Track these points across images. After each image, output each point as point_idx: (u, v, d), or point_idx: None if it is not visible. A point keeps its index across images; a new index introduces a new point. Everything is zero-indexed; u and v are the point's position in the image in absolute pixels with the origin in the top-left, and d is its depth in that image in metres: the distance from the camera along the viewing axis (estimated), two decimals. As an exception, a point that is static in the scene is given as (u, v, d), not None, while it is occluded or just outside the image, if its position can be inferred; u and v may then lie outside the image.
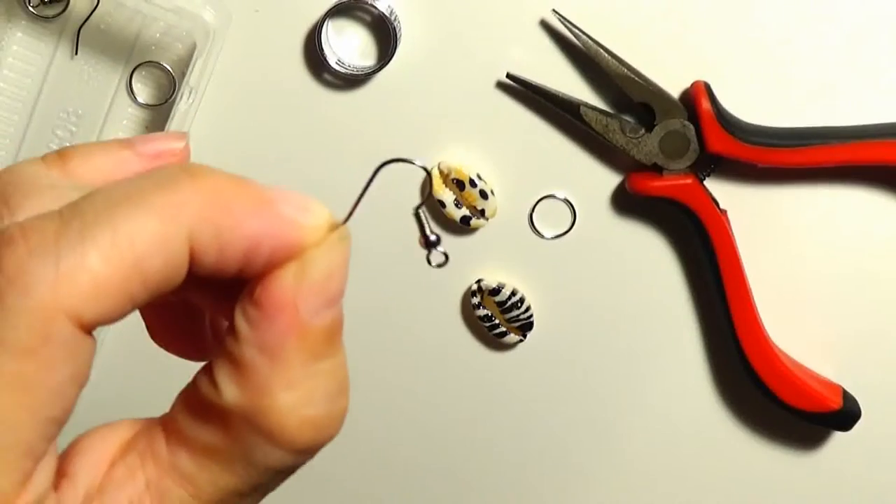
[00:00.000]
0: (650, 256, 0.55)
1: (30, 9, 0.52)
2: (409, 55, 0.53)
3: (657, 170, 0.52)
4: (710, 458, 0.58)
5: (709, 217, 0.52)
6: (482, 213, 0.54)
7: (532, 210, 0.55)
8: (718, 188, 0.53)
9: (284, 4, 0.52)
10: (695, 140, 0.51)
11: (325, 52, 0.52)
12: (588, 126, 0.51)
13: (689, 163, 0.52)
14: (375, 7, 0.51)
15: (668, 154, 0.52)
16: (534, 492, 0.60)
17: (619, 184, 0.54)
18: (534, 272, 0.55)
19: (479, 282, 0.55)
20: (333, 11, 0.52)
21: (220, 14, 0.51)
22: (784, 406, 0.54)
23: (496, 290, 0.54)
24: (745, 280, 0.53)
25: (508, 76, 0.52)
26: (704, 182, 0.53)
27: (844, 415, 0.54)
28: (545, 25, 0.52)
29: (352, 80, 0.53)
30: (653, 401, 0.57)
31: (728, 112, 0.51)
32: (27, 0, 0.52)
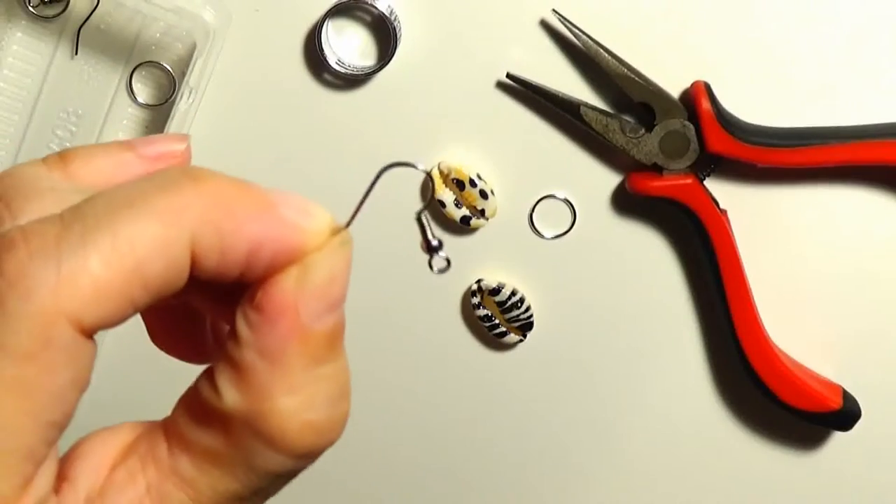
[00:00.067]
0: (650, 256, 0.55)
1: (30, 9, 0.52)
2: (409, 55, 0.52)
3: (657, 170, 0.52)
4: (710, 458, 0.58)
5: (709, 217, 0.52)
6: (482, 213, 0.53)
7: (532, 210, 0.55)
8: (718, 188, 0.53)
9: (284, 4, 0.52)
10: (695, 140, 0.51)
11: (325, 52, 0.52)
12: (588, 126, 0.51)
13: (689, 163, 0.52)
14: (375, 7, 0.51)
15: (668, 154, 0.52)
16: (534, 492, 0.60)
17: (619, 184, 0.54)
18: (534, 272, 0.55)
19: (479, 282, 0.55)
20: (333, 11, 0.52)
21: (220, 14, 0.51)
22: (784, 406, 0.54)
23: (496, 290, 0.54)
24: (745, 280, 0.53)
25: (508, 76, 0.52)
26: (704, 182, 0.52)
27: (844, 415, 0.54)
28: (545, 25, 0.52)
29: (352, 80, 0.53)
30: (653, 401, 0.57)
31: (728, 112, 0.51)
32: (27, 0, 0.52)
